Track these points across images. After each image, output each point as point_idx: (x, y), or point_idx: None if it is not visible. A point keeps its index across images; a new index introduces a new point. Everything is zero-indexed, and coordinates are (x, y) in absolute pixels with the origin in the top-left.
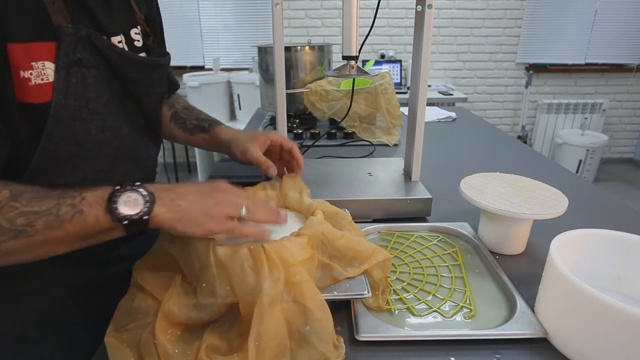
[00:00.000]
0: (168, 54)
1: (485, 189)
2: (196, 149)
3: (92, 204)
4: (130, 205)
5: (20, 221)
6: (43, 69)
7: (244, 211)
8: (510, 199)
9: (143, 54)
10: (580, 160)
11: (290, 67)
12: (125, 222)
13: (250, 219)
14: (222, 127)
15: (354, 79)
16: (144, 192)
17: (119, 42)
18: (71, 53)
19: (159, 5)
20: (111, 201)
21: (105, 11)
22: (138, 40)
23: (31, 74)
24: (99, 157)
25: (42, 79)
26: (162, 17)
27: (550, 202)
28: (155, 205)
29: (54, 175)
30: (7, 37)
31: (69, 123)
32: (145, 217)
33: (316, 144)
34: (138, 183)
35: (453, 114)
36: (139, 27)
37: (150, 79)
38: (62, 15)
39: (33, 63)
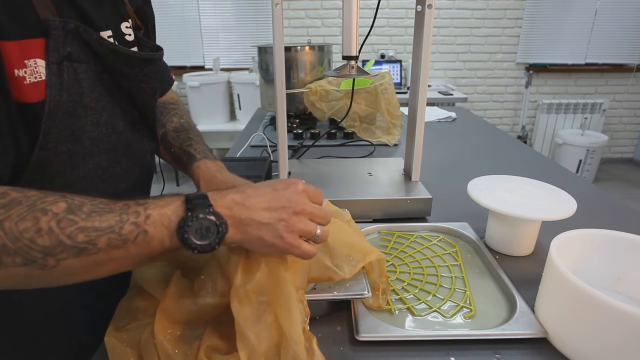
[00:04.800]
0: (161, 48)
1: (492, 190)
2: None
3: (157, 224)
4: (202, 234)
5: (81, 237)
6: (35, 67)
7: (317, 235)
8: (518, 201)
9: (135, 49)
10: (580, 160)
11: (290, 67)
12: (195, 249)
13: (320, 242)
14: (199, 165)
15: (354, 79)
16: (217, 221)
17: (109, 36)
18: (61, 47)
19: (154, 3)
20: (182, 229)
21: (92, 5)
22: (129, 35)
23: (25, 72)
24: (97, 153)
25: (36, 77)
26: (162, 17)
27: (558, 203)
28: (226, 233)
29: (54, 175)
30: (1, 35)
31: (64, 119)
32: (216, 247)
33: (316, 144)
34: (209, 203)
35: (453, 114)
36: (130, 20)
37: (142, 74)
38: (48, 9)
39: (26, 61)
